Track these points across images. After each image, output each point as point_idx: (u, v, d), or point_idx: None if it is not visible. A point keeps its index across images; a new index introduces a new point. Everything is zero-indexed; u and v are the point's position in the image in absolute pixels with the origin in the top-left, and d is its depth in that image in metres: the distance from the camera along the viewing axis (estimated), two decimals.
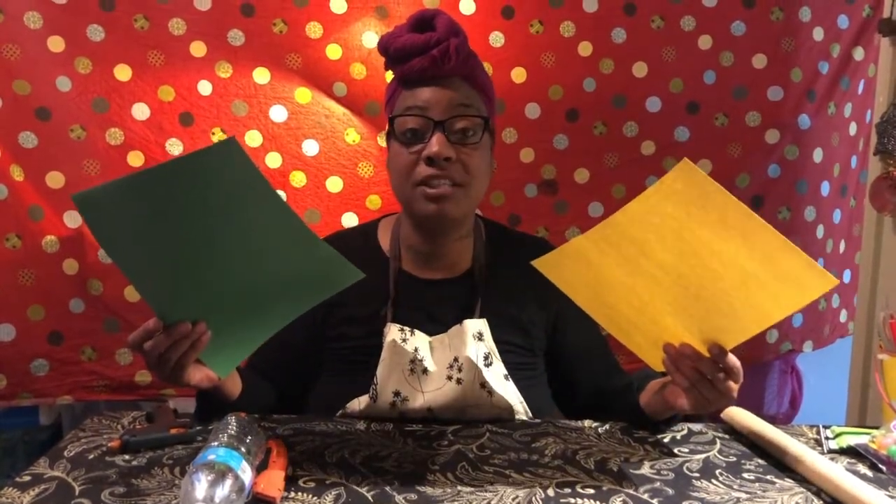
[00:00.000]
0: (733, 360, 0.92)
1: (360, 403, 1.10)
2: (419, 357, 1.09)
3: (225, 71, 1.59)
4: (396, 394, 1.07)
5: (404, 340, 1.09)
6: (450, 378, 1.09)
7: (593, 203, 1.71)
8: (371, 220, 1.31)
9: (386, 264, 1.19)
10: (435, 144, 1.08)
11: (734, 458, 0.96)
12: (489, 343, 1.11)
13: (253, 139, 1.61)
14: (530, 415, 1.12)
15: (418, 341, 1.10)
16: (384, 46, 1.13)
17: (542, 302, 1.20)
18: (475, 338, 1.10)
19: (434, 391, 1.08)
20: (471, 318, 1.12)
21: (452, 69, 1.09)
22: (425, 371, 1.09)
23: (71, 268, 1.57)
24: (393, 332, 1.10)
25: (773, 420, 1.04)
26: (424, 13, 1.13)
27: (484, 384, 1.08)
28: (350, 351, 1.15)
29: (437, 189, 1.09)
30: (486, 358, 1.11)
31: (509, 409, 1.09)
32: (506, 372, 1.11)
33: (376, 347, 1.10)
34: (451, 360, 1.09)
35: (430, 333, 1.12)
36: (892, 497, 0.83)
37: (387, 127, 1.14)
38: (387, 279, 1.17)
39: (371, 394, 1.08)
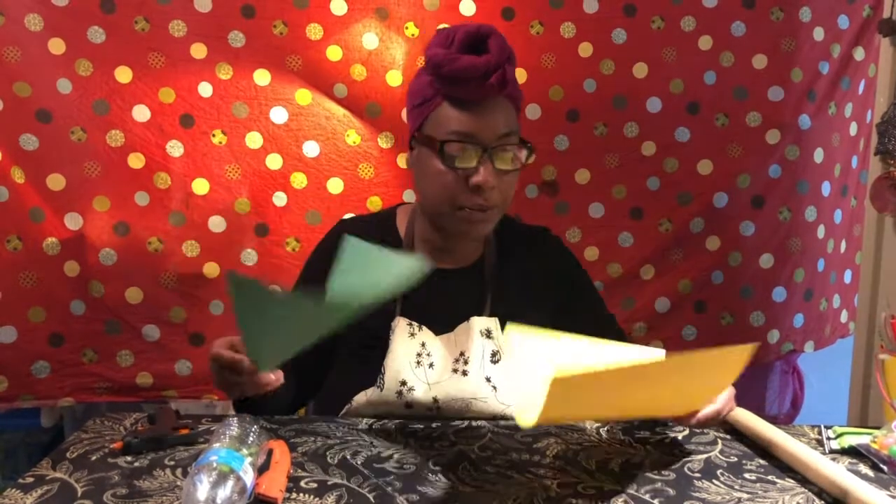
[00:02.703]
0: (703, 416, 0.97)
1: (366, 395, 1.11)
2: (426, 351, 1.10)
3: (225, 72, 1.59)
4: (403, 383, 1.09)
5: (412, 335, 1.11)
6: (455, 371, 1.10)
7: (594, 204, 1.71)
8: (388, 207, 1.31)
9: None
10: (483, 174, 1.08)
11: (735, 459, 0.96)
12: (498, 341, 1.12)
13: (253, 141, 1.61)
14: None
15: (425, 337, 1.12)
16: (436, 66, 1.08)
17: (549, 292, 1.21)
18: (482, 334, 1.12)
19: (439, 383, 1.09)
20: (480, 313, 1.14)
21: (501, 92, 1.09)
22: (431, 365, 1.10)
23: (72, 270, 1.57)
24: (401, 326, 1.12)
25: (774, 420, 1.04)
26: (478, 32, 1.09)
27: (489, 378, 1.09)
28: (359, 339, 1.16)
29: (479, 215, 1.11)
30: (493, 355, 1.11)
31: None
32: None
33: (384, 340, 1.12)
34: (457, 354, 1.11)
35: (438, 323, 1.13)
36: (893, 497, 0.83)
37: (416, 133, 1.13)
38: None
39: (378, 383, 1.09)
